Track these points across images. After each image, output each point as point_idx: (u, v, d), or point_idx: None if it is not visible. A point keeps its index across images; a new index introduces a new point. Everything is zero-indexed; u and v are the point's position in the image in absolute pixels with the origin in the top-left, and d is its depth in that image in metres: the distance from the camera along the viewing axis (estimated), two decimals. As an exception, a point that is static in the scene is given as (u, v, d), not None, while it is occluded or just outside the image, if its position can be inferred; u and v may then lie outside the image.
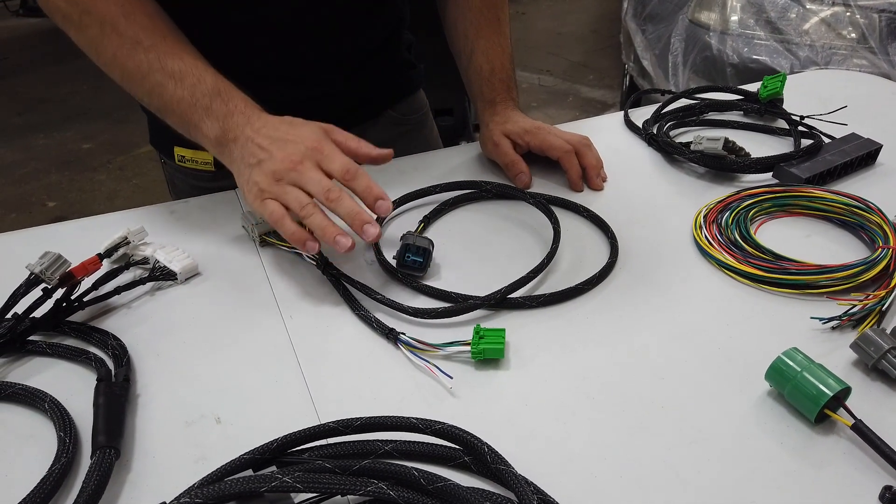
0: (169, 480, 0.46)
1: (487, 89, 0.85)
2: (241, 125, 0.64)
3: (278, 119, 0.65)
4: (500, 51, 0.86)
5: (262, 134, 0.63)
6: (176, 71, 0.64)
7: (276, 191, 0.61)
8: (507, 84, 0.86)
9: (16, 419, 0.52)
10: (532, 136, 0.81)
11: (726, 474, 0.47)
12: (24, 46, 4.46)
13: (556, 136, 0.81)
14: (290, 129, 0.64)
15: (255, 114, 0.65)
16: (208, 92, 0.64)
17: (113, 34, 0.65)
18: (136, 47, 0.64)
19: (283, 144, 0.62)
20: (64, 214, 2.67)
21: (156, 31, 0.65)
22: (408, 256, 0.66)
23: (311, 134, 0.63)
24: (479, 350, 0.55)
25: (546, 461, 0.48)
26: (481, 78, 0.85)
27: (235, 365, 0.57)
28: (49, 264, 0.58)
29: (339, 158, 0.62)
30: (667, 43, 2.36)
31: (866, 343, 0.54)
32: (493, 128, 0.84)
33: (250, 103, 0.66)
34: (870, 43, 1.99)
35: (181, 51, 0.66)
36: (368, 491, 0.42)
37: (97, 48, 0.66)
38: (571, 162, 0.80)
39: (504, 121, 0.83)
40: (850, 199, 0.72)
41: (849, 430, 0.48)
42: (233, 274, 0.67)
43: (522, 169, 0.80)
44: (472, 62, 0.86)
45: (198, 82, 0.64)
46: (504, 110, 0.85)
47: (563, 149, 0.80)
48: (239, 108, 0.65)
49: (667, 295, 0.64)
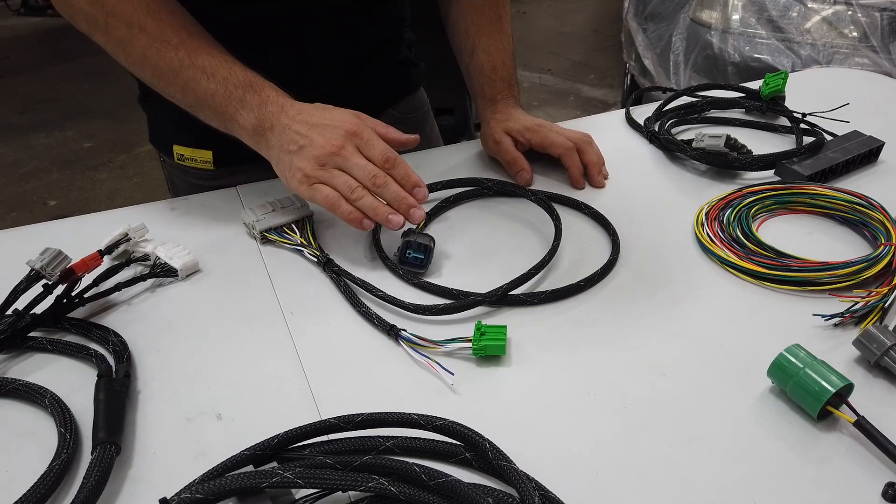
0: (169, 476, 0.46)
1: (489, 87, 0.85)
2: (276, 114, 0.65)
3: (311, 105, 0.66)
4: (502, 48, 0.86)
5: (299, 121, 0.64)
6: (206, 66, 0.65)
7: (323, 175, 0.63)
8: (508, 82, 0.86)
9: (16, 415, 0.52)
10: (533, 134, 0.81)
11: (728, 471, 0.47)
12: (25, 45, 4.46)
13: (557, 134, 0.81)
14: (326, 114, 0.65)
15: (288, 102, 0.66)
16: (240, 84, 0.65)
17: (141, 34, 0.65)
18: (166, 46, 0.65)
19: (322, 130, 0.63)
20: (65, 213, 2.67)
21: (182, 29, 0.66)
22: (409, 253, 0.65)
23: (349, 118, 0.65)
24: (480, 347, 0.55)
25: (547, 457, 0.48)
26: (482, 75, 0.85)
27: (236, 361, 0.57)
28: (50, 260, 0.58)
29: (378, 144, 0.64)
30: (668, 42, 2.36)
31: (869, 340, 0.53)
32: (494, 125, 0.83)
33: (281, 92, 0.67)
34: (871, 42, 1.99)
35: (208, 46, 0.67)
36: (369, 487, 0.41)
37: (126, 49, 0.67)
38: (573, 159, 0.80)
39: (505, 118, 0.83)
40: (853, 197, 0.72)
41: (851, 427, 0.48)
42: (233, 271, 0.67)
43: (524, 166, 0.80)
44: (474, 59, 0.86)
45: (229, 75, 0.65)
46: (505, 108, 0.85)
47: (564, 146, 0.80)
48: (272, 98, 0.65)
49: (668, 292, 0.64)
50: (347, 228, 0.72)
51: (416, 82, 0.99)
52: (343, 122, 0.64)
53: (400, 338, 0.57)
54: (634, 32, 2.64)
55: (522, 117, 0.84)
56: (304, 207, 0.72)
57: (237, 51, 0.68)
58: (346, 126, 0.64)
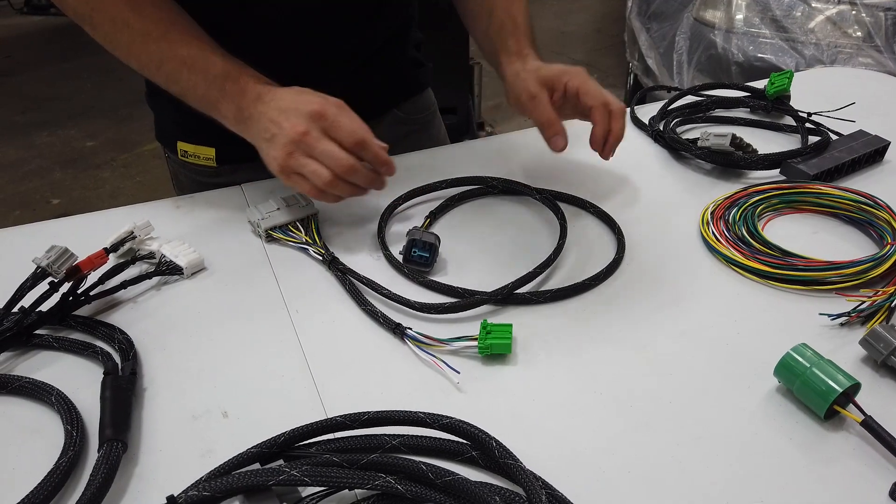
0: (176, 474, 0.46)
1: (514, 41, 0.79)
2: (253, 102, 0.65)
3: (286, 90, 0.65)
4: (520, 6, 0.81)
5: (272, 107, 0.64)
6: (187, 57, 0.66)
7: (294, 164, 0.63)
8: (531, 38, 0.80)
9: (23, 412, 0.52)
10: (571, 77, 0.73)
11: (734, 470, 0.47)
12: (28, 44, 4.46)
13: (596, 85, 0.74)
14: (296, 97, 0.64)
15: (265, 89, 0.65)
16: (220, 74, 0.65)
17: (125, 28, 0.66)
18: (147, 39, 0.66)
19: (288, 115, 0.63)
20: (68, 212, 2.68)
21: (164, 21, 0.66)
22: (414, 252, 0.65)
23: (314, 99, 0.63)
24: (486, 345, 0.55)
25: (554, 456, 0.48)
26: (505, 31, 0.79)
27: (242, 359, 0.57)
28: (56, 258, 0.58)
29: (345, 124, 0.63)
30: (671, 41, 2.36)
31: (875, 339, 0.53)
32: (526, 76, 0.75)
33: (261, 79, 0.66)
34: (875, 41, 1.99)
35: (190, 36, 0.67)
36: (376, 485, 0.42)
37: (112, 43, 0.68)
38: (603, 117, 0.73)
39: (537, 67, 0.76)
40: (858, 196, 0.72)
41: (858, 427, 0.48)
42: (239, 269, 0.67)
43: (558, 130, 0.73)
44: (494, 19, 0.80)
45: (209, 66, 0.65)
46: (534, 60, 0.78)
47: (600, 99, 0.73)
48: (250, 86, 0.65)
49: (674, 291, 0.63)
50: (352, 227, 0.73)
51: (423, 82, 0.97)
52: (307, 104, 0.63)
53: (406, 336, 0.57)
54: (637, 32, 2.64)
55: (555, 65, 0.76)
56: (310, 206, 0.72)
57: (237, 50, 0.67)
58: (310, 107, 0.62)
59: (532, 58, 0.78)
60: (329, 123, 0.62)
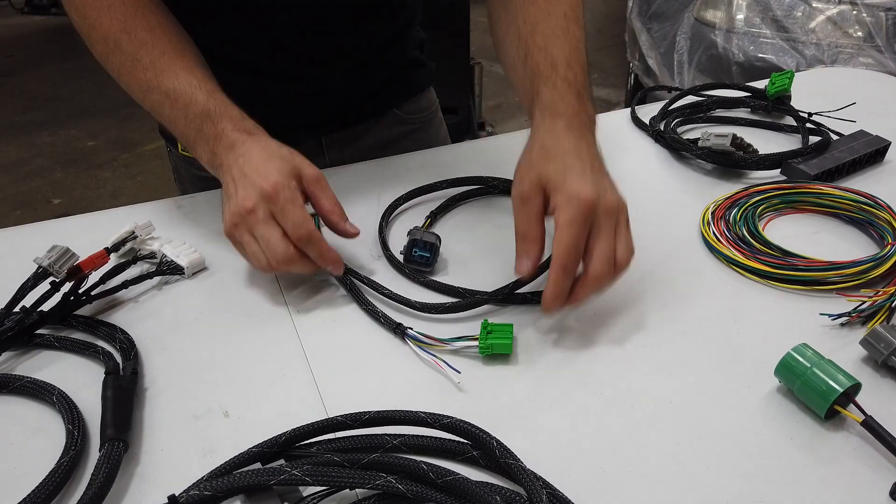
0: (177, 473, 0.46)
1: (547, 89, 0.60)
2: (225, 151, 0.61)
3: (259, 147, 0.61)
4: (563, 42, 0.63)
5: (237, 165, 0.60)
6: (171, 90, 0.63)
7: (237, 236, 0.59)
8: (576, 86, 0.60)
9: (24, 412, 0.52)
10: (563, 210, 0.54)
11: (735, 470, 0.47)
12: (29, 44, 4.46)
13: (576, 234, 0.53)
14: (260, 164, 0.59)
15: (240, 139, 0.61)
16: (199, 114, 0.62)
17: (116, 50, 0.65)
18: (136, 65, 0.64)
19: (244, 184, 0.58)
20: (69, 211, 2.68)
21: (155, 47, 0.64)
22: (415, 251, 0.65)
23: (273, 175, 0.58)
24: (486, 345, 0.55)
25: (554, 456, 0.48)
26: (539, 76, 0.61)
27: (243, 359, 0.57)
28: (57, 258, 0.58)
29: (292, 215, 0.57)
30: (672, 41, 2.36)
31: (876, 339, 0.53)
32: (530, 163, 0.57)
33: (239, 124, 0.62)
34: (876, 41, 1.99)
35: (178, 67, 0.64)
36: (377, 484, 0.42)
37: (105, 63, 0.67)
38: (559, 279, 0.54)
39: (550, 153, 0.57)
40: (859, 196, 0.72)
41: (859, 427, 0.48)
42: (240, 268, 0.67)
43: (529, 252, 0.56)
44: (528, 63, 0.63)
45: (190, 103, 0.63)
46: (557, 128, 0.58)
47: (563, 242, 0.54)
48: (226, 132, 0.62)
49: (675, 291, 0.63)
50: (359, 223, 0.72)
51: (423, 82, 0.97)
52: (265, 178, 0.57)
53: (406, 336, 0.57)
54: (638, 32, 2.64)
55: (571, 168, 0.55)
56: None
57: (238, 49, 0.66)
58: (265, 184, 0.57)
59: (566, 122, 0.58)
60: (278, 209, 0.57)
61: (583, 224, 0.53)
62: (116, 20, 0.64)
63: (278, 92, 0.68)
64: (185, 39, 0.67)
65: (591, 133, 0.60)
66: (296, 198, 0.58)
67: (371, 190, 0.79)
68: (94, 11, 0.65)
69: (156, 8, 0.67)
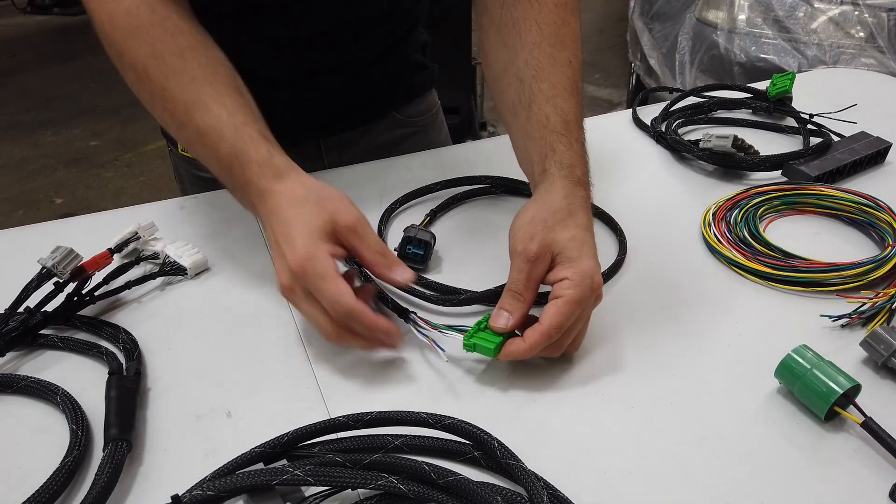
0: (180, 473, 0.46)
1: (563, 147, 0.59)
2: (257, 203, 0.57)
3: (286, 200, 0.55)
4: (572, 93, 0.62)
5: (270, 227, 0.56)
6: (200, 128, 0.58)
7: (294, 303, 0.55)
8: (586, 149, 0.61)
9: (28, 412, 0.52)
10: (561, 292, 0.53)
11: (735, 471, 0.47)
12: (31, 44, 4.47)
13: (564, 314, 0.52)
14: (289, 228, 0.54)
15: (268, 190, 0.56)
16: (226, 155, 0.58)
17: (145, 80, 0.60)
18: (165, 96, 0.59)
19: (278, 254, 0.54)
20: (71, 211, 2.68)
21: (184, 74, 0.59)
22: (409, 248, 0.66)
23: (300, 246, 0.52)
24: (470, 343, 0.54)
25: (555, 457, 0.48)
26: (549, 129, 0.59)
27: (245, 359, 0.57)
28: (61, 259, 0.59)
29: (325, 293, 0.51)
30: (674, 42, 2.36)
31: (876, 341, 0.54)
32: (537, 222, 0.55)
33: (266, 167, 0.56)
34: (878, 42, 1.99)
35: (207, 96, 0.59)
36: (379, 485, 0.42)
37: (137, 93, 0.62)
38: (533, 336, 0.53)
39: (561, 220, 0.55)
40: (860, 198, 0.72)
41: (858, 428, 0.48)
42: (242, 269, 0.67)
43: (514, 310, 0.54)
44: (533, 113, 0.61)
45: (218, 141, 0.57)
46: (576, 196, 0.56)
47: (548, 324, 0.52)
48: (253, 181, 0.57)
49: (675, 292, 0.64)
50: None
51: (425, 85, 0.96)
52: (292, 252, 0.52)
53: (408, 318, 0.57)
54: (640, 32, 2.64)
55: (575, 243, 0.54)
56: None
57: (238, 59, 0.64)
58: (292, 261, 0.52)
59: (582, 193, 0.57)
60: (311, 287, 0.52)
61: (582, 306, 0.53)
62: (144, 44, 0.59)
63: (278, 96, 0.68)
64: (218, 60, 0.62)
65: (585, 205, 0.58)
66: (325, 271, 0.51)
67: (373, 190, 0.79)
68: (121, 35, 0.60)
69: (186, 26, 0.61)
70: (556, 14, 0.64)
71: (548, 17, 0.63)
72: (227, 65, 0.62)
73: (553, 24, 0.63)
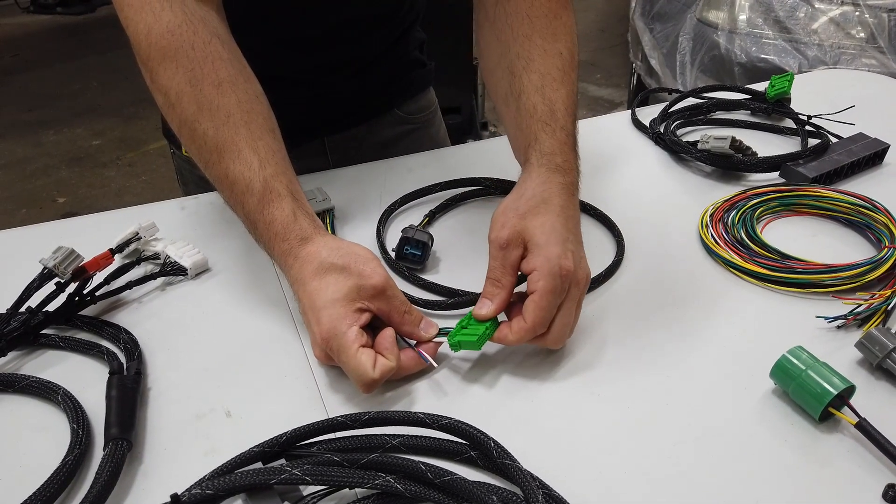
0: (180, 472, 0.47)
1: (546, 135, 0.60)
2: (284, 268, 0.57)
3: (311, 270, 0.54)
4: (562, 83, 0.62)
5: (298, 293, 0.56)
6: (229, 173, 0.57)
7: (334, 364, 0.55)
8: (573, 136, 0.61)
9: (30, 411, 0.53)
10: (539, 277, 0.54)
11: (730, 471, 0.47)
12: (34, 43, 4.47)
13: (546, 305, 0.53)
14: (314, 300, 0.53)
15: (292, 255, 0.56)
16: (253, 209, 0.57)
17: (178, 106, 0.57)
18: (195, 128, 0.57)
19: (308, 326, 0.55)
20: (73, 210, 2.69)
21: (220, 110, 0.57)
22: (406, 249, 0.66)
23: (324, 320, 0.52)
24: (455, 342, 0.54)
25: (552, 456, 0.48)
26: (534, 118, 0.61)
27: (245, 359, 0.57)
28: (62, 259, 0.59)
29: (348, 367, 0.52)
30: (675, 42, 2.36)
31: (871, 342, 0.54)
32: (510, 210, 0.57)
33: (290, 228, 0.56)
34: (879, 42, 1.98)
35: (241, 139, 0.57)
36: (376, 484, 0.42)
37: (165, 114, 0.60)
38: (518, 326, 0.54)
39: (538, 206, 0.56)
40: (857, 199, 0.72)
41: (853, 429, 0.49)
42: (243, 269, 0.68)
43: (494, 297, 0.55)
44: (524, 100, 0.62)
45: (246, 192, 0.57)
46: (552, 182, 0.58)
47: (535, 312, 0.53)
48: (276, 246, 0.56)
49: (673, 293, 0.64)
50: (354, 227, 0.73)
51: (424, 83, 0.97)
52: (317, 326, 0.53)
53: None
54: (641, 32, 2.64)
55: (551, 233, 0.55)
56: (326, 200, 0.72)
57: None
58: (318, 336, 0.53)
59: (559, 179, 0.58)
60: (336, 360, 0.53)
61: (560, 294, 0.54)
62: (182, 69, 0.56)
63: (281, 96, 0.68)
64: (255, 96, 0.60)
65: (578, 191, 0.60)
66: (346, 346, 0.51)
67: (373, 190, 0.80)
68: (157, 54, 0.57)
69: (227, 54, 0.59)
70: (548, 7, 0.65)
71: (539, 11, 0.65)
72: (263, 101, 0.60)
73: (545, 18, 0.64)
